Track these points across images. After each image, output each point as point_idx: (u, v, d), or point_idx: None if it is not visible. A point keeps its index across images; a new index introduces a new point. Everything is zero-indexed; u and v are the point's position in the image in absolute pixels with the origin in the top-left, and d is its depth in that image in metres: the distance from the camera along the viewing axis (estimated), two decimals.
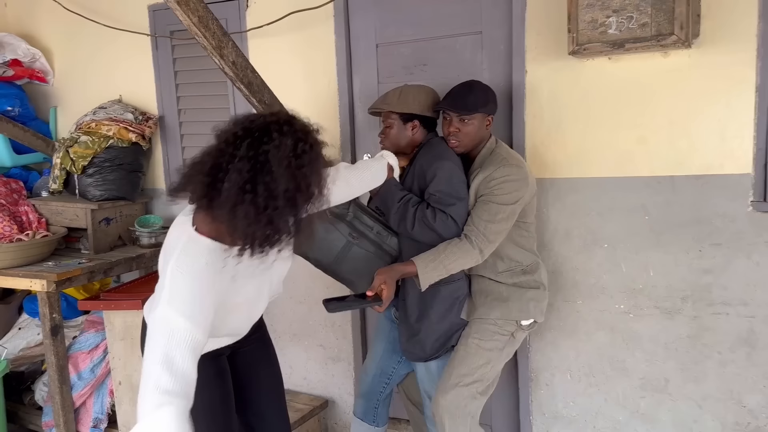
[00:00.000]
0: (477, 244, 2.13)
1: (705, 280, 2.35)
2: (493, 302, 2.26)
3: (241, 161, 1.51)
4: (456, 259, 2.14)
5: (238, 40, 3.11)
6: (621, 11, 2.10)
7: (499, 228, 2.15)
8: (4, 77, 3.57)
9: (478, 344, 2.23)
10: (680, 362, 2.43)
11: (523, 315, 2.25)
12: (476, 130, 2.22)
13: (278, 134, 1.54)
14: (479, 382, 2.23)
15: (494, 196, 2.14)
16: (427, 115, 2.29)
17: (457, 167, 2.20)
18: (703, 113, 2.27)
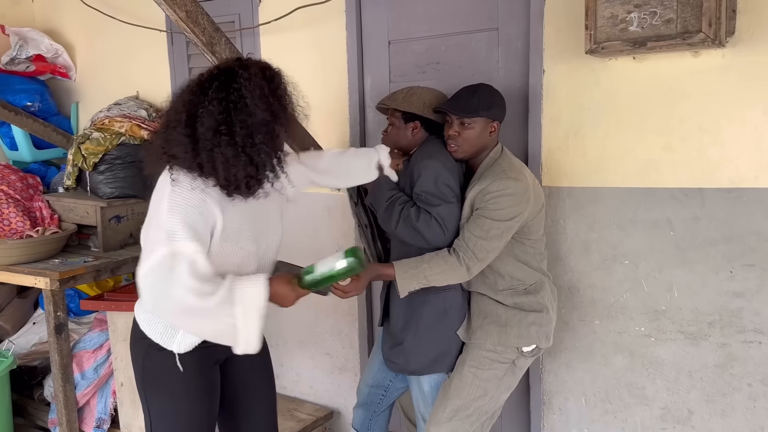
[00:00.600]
0: (464, 260, 1.98)
1: (735, 305, 2.12)
2: (491, 326, 2.09)
3: (212, 103, 1.54)
4: (439, 272, 1.99)
5: (250, 35, 3.03)
6: (644, 6, 1.90)
7: (491, 246, 1.98)
8: (26, 72, 3.59)
9: (475, 373, 2.08)
10: (705, 393, 2.21)
11: (523, 341, 2.07)
12: (477, 136, 2.06)
13: (244, 69, 1.59)
14: (476, 417, 2.08)
15: (488, 211, 1.98)
16: (429, 117, 2.16)
17: (444, 168, 2.06)
18: (737, 120, 2.04)
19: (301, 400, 3.14)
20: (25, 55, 3.61)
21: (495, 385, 2.09)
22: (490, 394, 2.08)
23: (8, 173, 3.33)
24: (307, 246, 3.03)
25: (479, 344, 2.09)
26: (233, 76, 1.58)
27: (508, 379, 2.12)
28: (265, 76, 1.61)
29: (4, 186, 3.21)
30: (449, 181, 2.05)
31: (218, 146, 1.54)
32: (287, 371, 3.21)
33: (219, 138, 1.54)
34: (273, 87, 1.62)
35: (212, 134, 1.54)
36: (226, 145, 1.55)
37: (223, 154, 1.55)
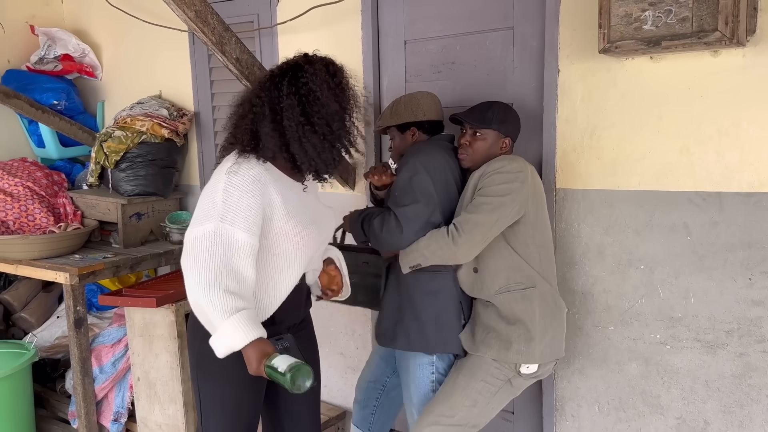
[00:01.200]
0: (451, 232, 2.00)
1: (754, 313, 2.05)
2: (492, 340, 2.07)
3: (289, 98, 1.70)
4: (434, 248, 2.02)
5: (268, 35, 3.05)
6: (658, 4, 1.84)
7: (478, 219, 1.97)
8: (54, 71, 3.67)
9: (467, 382, 2.06)
10: (722, 404, 2.14)
11: (521, 358, 2.04)
12: (487, 147, 2.08)
13: (309, 65, 1.75)
14: (459, 426, 2.05)
15: (484, 188, 2.01)
16: (422, 119, 2.22)
17: (423, 167, 2.07)
18: (758, 121, 1.97)
19: None
20: (53, 55, 3.70)
21: (486, 399, 2.06)
22: (479, 407, 2.06)
23: (34, 170, 3.42)
24: None
25: (479, 357, 2.08)
26: (300, 71, 1.74)
27: (501, 396, 2.10)
28: (329, 71, 1.77)
29: (30, 183, 3.29)
30: (424, 181, 2.06)
31: (305, 136, 1.71)
32: None
33: (303, 129, 1.71)
34: (336, 81, 1.77)
35: (296, 126, 1.70)
36: (311, 134, 1.71)
37: (311, 142, 1.72)
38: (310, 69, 1.74)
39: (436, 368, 2.20)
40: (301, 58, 1.79)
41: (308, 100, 1.71)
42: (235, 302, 1.61)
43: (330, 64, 1.80)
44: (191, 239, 1.66)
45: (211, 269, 1.60)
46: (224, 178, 1.70)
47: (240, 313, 1.60)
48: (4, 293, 3.54)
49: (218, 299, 1.59)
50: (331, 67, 1.79)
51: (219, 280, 1.60)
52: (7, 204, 3.17)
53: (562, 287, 2.35)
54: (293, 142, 1.72)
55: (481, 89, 2.49)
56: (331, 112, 1.74)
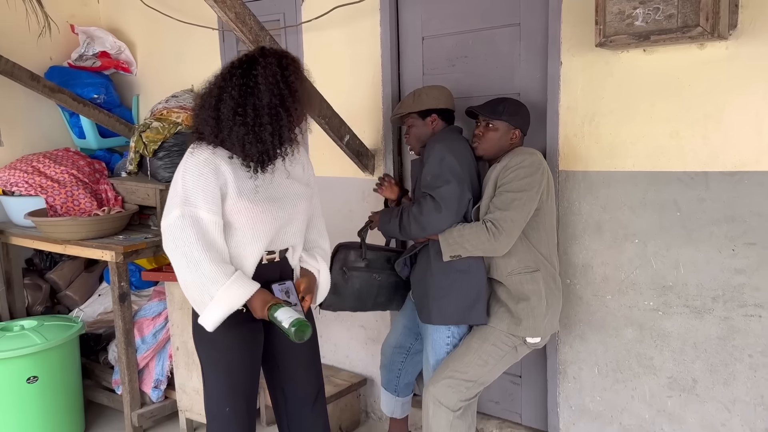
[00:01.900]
0: (492, 231, 2.21)
1: (737, 281, 2.27)
2: (505, 314, 2.34)
3: (234, 89, 1.83)
4: (475, 243, 2.25)
5: (294, 33, 3.29)
6: (648, 2, 2.07)
7: (513, 216, 2.20)
8: (92, 67, 3.95)
9: (480, 345, 2.33)
10: (709, 363, 2.37)
11: (529, 333, 2.32)
12: (498, 138, 2.31)
13: (263, 57, 1.85)
14: (471, 382, 2.32)
15: (508, 184, 2.22)
16: (442, 107, 2.45)
17: (449, 151, 2.30)
18: (740, 107, 2.19)
19: (338, 368, 3.41)
20: (91, 52, 3.97)
21: (495, 360, 2.33)
22: (488, 367, 2.33)
23: (77, 159, 3.71)
24: (345, 226, 3.27)
25: (492, 327, 2.35)
26: (254, 63, 1.85)
27: (507, 359, 2.37)
28: (281, 64, 1.87)
29: (74, 170, 3.58)
30: (452, 163, 2.28)
31: (235, 125, 1.82)
32: (325, 342, 3.48)
33: (235, 119, 1.82)
34: (286, 74, 1.86)
35: (231, 115, 1.83)
36: (240, 125, 1.82)
37: (238, 132, 1.83)
38: (262, 62, 1.85)
39: (452, 334, 2.45)
40: (258, 51, 1.90)
41: (251, 92, 1.82)
42: (225, 268, 1.86)
43: (283, 57, 1.89)
44: (165, 228, 1.88)
45: (192, 247, 1.83)
46: (181, 166, 1.90)
47: (235, 274, 1.87)
48: (51, 273, 3.83)
49: (209, 269, 1.83)
50: (283, 61, 1.87)
51: (203, 254, 1.83)
52: (55, 190, 3.46)
53: (565, 260, 2.58)
54: (224, 131, 1.85)
55: (491, 80, 2.73)
56: (264, 104, 1.83)
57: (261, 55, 1.88)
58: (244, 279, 1.92)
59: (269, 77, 1.83)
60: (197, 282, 1.86)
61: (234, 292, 1.87)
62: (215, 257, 1.86)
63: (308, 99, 1.97)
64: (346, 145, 2.88)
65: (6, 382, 2.98)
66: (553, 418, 2.75)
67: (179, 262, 1.87)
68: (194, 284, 1.87)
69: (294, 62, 1.92)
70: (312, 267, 2.21)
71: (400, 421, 2.85)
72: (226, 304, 1.88)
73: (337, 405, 3.14)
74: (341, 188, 3.26)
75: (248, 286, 1.91)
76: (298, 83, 1.90)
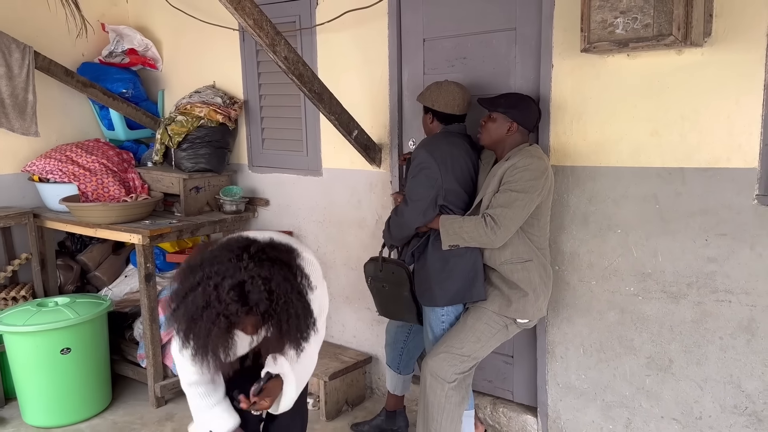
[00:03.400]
0: (491, 225, 2.42)
1: (709, 268, 2.47)
2: (497, 297, 2.56)
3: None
4: (474, 235, 2.46)
5: (308, 34, 3.52)
6: (627, 12, 2.26)
7: (513, 214, 2.41)
8: (121, 64, 4.22)
9: (473, 324, 2.55)
10: (684, 344, 2.56)
11: (518, 314, 2.54)
12: (495, 128, 2.52)
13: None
14: (465, 357, 2.53)
15: (513, 183, 2.41)
16: (437, 109, 2.64)
17: (429, 156, 2.53)
18: (713, 109, 2.38)
19: (345, 347, 3.65)
20: (120, 49, 4.24)
21: (487, 337, 2.55)
22: (481, 343, 2.54)
23: (107, 149, 3.98)
24: (353, 216, 3.52)
25: (485, 308, 2.57)
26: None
27: (498, 337, 2.58)
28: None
29: (104, 160, 3.85)
30: (430, 170, 2.52)
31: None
32: (335, 323, 3.73)
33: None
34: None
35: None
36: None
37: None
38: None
39: (446, 312, 2.67)
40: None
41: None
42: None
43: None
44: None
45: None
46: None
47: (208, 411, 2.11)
48: (81, 255, 4.12)
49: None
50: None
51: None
52: (87, 178, 3.73)
53: (554, 249, 2.79)
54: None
55: (488, 81, 2.93)
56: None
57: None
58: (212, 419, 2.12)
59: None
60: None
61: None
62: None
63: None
64: (354, 140, 3.11)
65: (43, 352, 3.27)
66: (542, 395, 2.97)
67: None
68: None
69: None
70: (276, 371, 2.14)
71: (398, 396, 3.09)
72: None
73: (343, 380, 3.39)
74: (350, 179, 3.49)
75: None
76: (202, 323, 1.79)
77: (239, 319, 1.72)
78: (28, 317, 3.27)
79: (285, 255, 1.84)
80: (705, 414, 2.55)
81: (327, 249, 3.68)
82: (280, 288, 1.73)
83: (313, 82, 2.79)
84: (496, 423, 3.13)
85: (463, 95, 2.68)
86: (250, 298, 1.70)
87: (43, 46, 3.85)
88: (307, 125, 3.65)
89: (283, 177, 3.83)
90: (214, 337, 1.72)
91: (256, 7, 2.43)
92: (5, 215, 3.60)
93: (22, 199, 3.97)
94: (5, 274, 3.70)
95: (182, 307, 1.75)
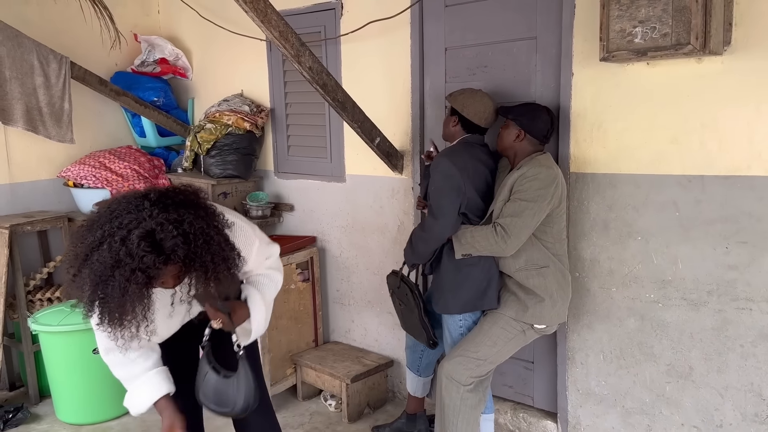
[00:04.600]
0: (501, 235, 2.46)
1: (730, 276, 2.47)
2: (513, 302, 2.59)
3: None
4: (485, 244, 2.50)
5: (333, 44, 3.60)
6: (646, 22, 2.29)
7: (523, 223, 2.45)
8: (153, 73, 4.35)
9: (490, 328, 2.59)
10: (704, 352, 2.56)
11: (535, 320, 2.57)
12: (507, 136, 2.59)
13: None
14: (481, 360, 2.57)
15: (522, 193, 2.46)
16: (465, 116, 2.67)
17: (452, 165, 2.55)
18: (733, 117, 2.38)
19: (367, 351, 3.71)
20: (152, 59, 4.37)
21: (503, 342, 2.58)
22: (497, 348, 2.58)
23: (138, 156, 4.11)
24: (375, 222, 3.59)
25: (502, 314, 2.61)
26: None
27: (515, 342, 2.61)
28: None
29: (136, 166, 3.98)
30: (454, 179, 2.55)
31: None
32: (357, 327, 3.79)
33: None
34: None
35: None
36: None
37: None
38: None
39: (464, 317, 2.72)
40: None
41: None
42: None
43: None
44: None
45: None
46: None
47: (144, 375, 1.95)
48: None
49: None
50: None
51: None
52: (119, 183, 3.86)
53: (574, 255, 2.81)
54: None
55: (509, 89, 2.97)
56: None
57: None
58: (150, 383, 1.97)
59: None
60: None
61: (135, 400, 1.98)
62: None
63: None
64: (377, 147, 3.17)
65: (76, 351, 3.39)
66: (562, 401, 2.98)
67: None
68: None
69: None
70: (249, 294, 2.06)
71: (419, 399, 3.14)
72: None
73: (365, 383, 3.45)
74: (372, 186, 3.56)
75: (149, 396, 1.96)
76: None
77: (158, 272, 1.57)
78: (62, 317, 3.40)
79: (191, 196, 1.70)
80: (726, 422, 2.54)
81: (350, 254, 3.75)
82: (193, 227, 1.58)
83: (337, 92, 2.86)
84: (516, 428, 3.15)
85: (493, 109, 2.73)
86: (164, 246, 1.55)
87: (79, 56, 4.00)
88: (331, 133, 3.72)
89: (307, 183, 3.91)
90: (131, 295, 1.55)
91: (282, 20, 2.51)
92: (42, 219, 3.74)
93: (58, 204, 4.12)
94: (41, 276, 3.84)
95: (85, 270, 1.57)
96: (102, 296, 1.57)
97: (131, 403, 2.00)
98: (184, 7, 4.31)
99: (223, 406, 1.98)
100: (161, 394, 1.97)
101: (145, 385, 1.97)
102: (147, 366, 1.97)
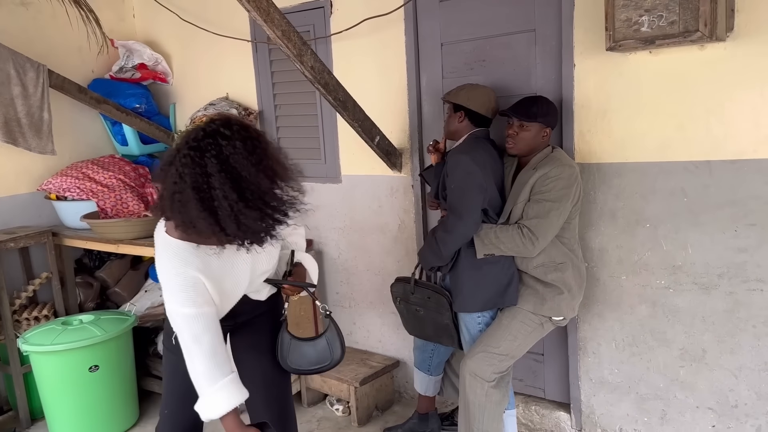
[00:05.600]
0: (528, 236, 2.47)
1: (740, 258, 2.51)
2: (531, 296, 2.60)
3: (218, 176, 1.66)
4: (510, 246, 2.50)
5: (323, 43, 3.54)
6: (652, 10, 2.30)
7: (548, 224, 2.46)
8: (132, 79, 4.22)
9: (509, 323, 2.59)
10: (717, 334, 2.60)
11: (553, 312, 2.58)
12: (532, 137, 2.55)
13: (226, 140, 1.69)
14: (503, 355, 2.57)
15: (546, 193, 2.46)
16: (472, 109, 2.64)
17: (473, 162, 2.52)
18: (738, 101, 2.42)
19: (372, 352, 3.67)
20: (131, 64, 4.24)
21: (523, 335, 2.59)
22: (518, 342, 2.58)
23: (123, 165, 3.98)
24: (374, 222, 3.54)
25: (520, 308, 2.61)
26: (218, 146, 1.69)
27: (534, 335, 2.62)
28: (247, 147, 1.72)
29: (122, 175, 3.85)
30: (476, 175, 2.52)
31: (241, 214, 1.68)
32: (359, 328, 3.74)
33: (239, 207, 1.68)
34: (257, 158, 1.72)
35: (231, 205, 1.68)
36: (247, 211, 1.69)
37: (248, 217, 1.69)
38: (228, 145, 1.69)
39: (482, 316, 2.70)
40: (216, 128, 1.71)
41: (238, 179, 1.67)
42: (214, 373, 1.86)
43: (248, 139, 1.73)
44: (169, 315, 1.89)
45: (186, 344, 1.85)
46: (163, 262, 1.89)
47: (223, 381, 1.86)
48: (100, 272, 4.11)
49: (199, 369, 1.85)
50: (248, 143, 1.72)
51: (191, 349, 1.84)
52: (105, 194, 3.73)
53: (583, 245, 2.81)
54: (229, 222, 1.68)
55: (508, 83, 2.96)
56: (263, 189, 1.71)
57: (223, 137, 1.71)
58: (227, 390, 1.89)
59: (246, 162, 1.70)
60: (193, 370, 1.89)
61: (212, 405, 1.88)
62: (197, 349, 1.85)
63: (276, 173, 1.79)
64: (376, 146, 3.13)
65: (71, 371, 3.26)
66: (575, 391, 2.99)
67: (186, 341, 1.88)
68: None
69: (259, 139, 1.78)
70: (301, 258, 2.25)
71: (430, 398, 3.12)
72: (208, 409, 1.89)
73: (372, 386, 3.40)
74: (371, 185, 3.51)
75: (226, 404, 1.88)
76: (268, 162, 1.76)
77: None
78: (54, 336, 3.27)
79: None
80: (741, 402, 2.58)
81: (349, 255, 3.70)
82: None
83: (338, 91, 2.82)
84: (529, 421, 3.15)
85: (496, 99, 2.73)
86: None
87: (54, 64, 3.84)
88: (325, 133, 3.67)
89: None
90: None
91: (284, 18, 2.45)
92: (25, 235, 3.59)
93: (39, 218, 3.96)
94: (26, 294, 3.69)
95: (186, 191, 1.67)
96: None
97: (207, 408, 1.90)
98: (161, 10, 4.19)
99: (321, 362, 2.22)
100: (237, 403, 1.91)
101: (222, 390, 1.88)
102: (223, 363, 1.91)
